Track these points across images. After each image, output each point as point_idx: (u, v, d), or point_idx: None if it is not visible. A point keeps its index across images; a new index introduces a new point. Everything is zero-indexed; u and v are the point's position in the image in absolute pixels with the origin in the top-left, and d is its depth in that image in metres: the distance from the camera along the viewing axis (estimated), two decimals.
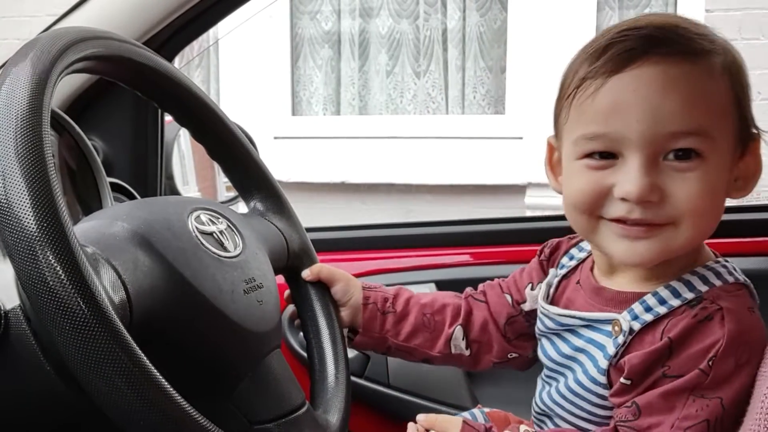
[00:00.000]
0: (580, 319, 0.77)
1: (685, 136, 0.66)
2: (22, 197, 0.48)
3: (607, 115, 0.68)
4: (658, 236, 0.68)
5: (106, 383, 0.49)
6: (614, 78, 0.67)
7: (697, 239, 0.71)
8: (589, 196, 0.70)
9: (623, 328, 0.72)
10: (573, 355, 0.78)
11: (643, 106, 0.66)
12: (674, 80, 0.66)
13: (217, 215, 0.71)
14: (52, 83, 0.55)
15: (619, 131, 0.67)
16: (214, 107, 0.78)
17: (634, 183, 0.66)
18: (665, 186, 0.67)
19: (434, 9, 3.58)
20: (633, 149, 0.67)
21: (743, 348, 0.66)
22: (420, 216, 3.30)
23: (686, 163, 0.66)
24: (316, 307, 0.84)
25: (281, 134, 3.62)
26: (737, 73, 0.70)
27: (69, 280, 0.48)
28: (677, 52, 0.67)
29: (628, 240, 0.69)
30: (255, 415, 0.67)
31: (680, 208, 0.67)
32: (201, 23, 1.11)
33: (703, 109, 0.66)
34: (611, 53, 0.68)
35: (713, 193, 0.68)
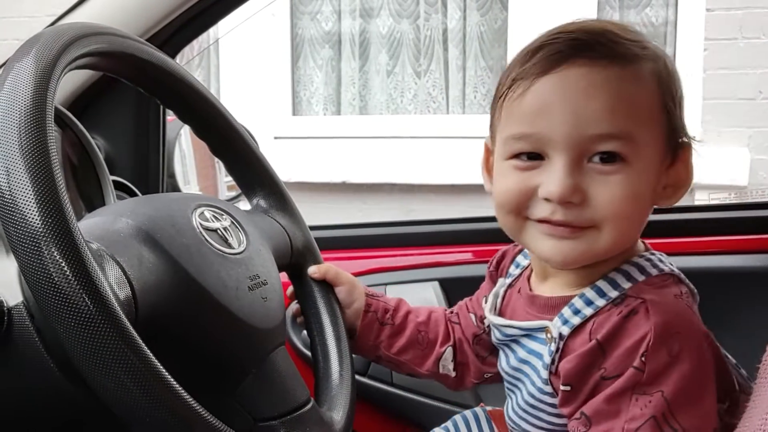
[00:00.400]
0: (518, 329, 0.77)
1: (608, 139, 0.66)
2: (26, 193, 0.48)
3: (533, 116, 0.68)
4: (582, 237, 0.68)
5: (111, 380, 0.48)
6: (541, 80, 0.68)
7: (620, 242, 0.70)
8: (515, 196, 0.70)
9: (554, 334, 0.72)
10: (519, 367, 0.78)
11: (567, 108, 0.66)
12: (598, 84, 0.66)
13: (220, 212, 0.70)
14: (55, 79, 0.55)
15: (544, 132, 0.67)
16: (217, 104, 0.78)
17: (556, 184, 0.66)
18: (588, 188, 0.67)
19: (435, 9, 3.58)
20: (557, 150, 0.67)
21: (674, 339, 0.65)
22: (421, 215, 3.30)
23: (609, 166, 0.67)
24: (320, 305, 0.84)
25: (282, 134, 3.62)
26: (668, 81, 0.70)
27: (74, 277, 0.48)
28: (603, 57, 0.67)
29: (554, 239, 0.69)
30: (259, 412, 0.66)
31: (602, 211, 0.67)
32: (202, 21, 1.11)
33: (628, 113, 0.66)
34: (540, 55, 0.69)
35: (636, 198, 0.67)
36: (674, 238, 1.13)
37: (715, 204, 2.02)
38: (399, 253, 1.21)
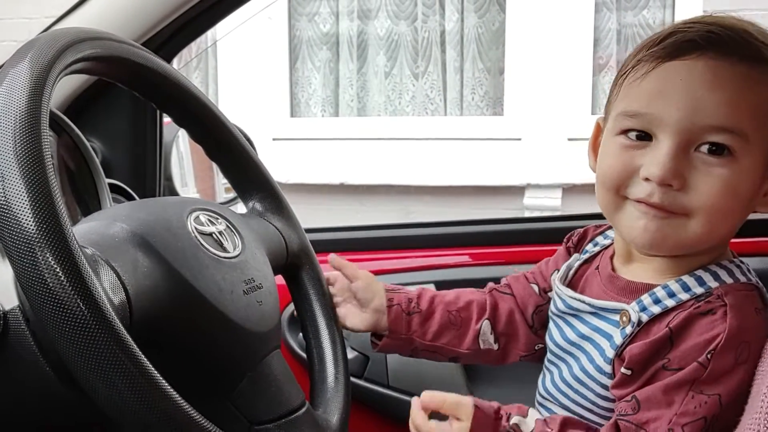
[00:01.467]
0: (588, 305, 0.77)
1: (720, 132, 0.66)
2: (21, 198, 0.48)
3: (652, 96, 0.69)
4: (671, 223, 0.69)
5: (105, 384, 0.49)
6: (667, 64, 0.69)
7: (709, 236, 0.70)
8: (617, 173, 0.71)
9: (632, 318, 0.72)
10: (578, 342, 0.78)
11: (687, 95, 0.67)
12: (724, 77, 0.67)
13: (216, 216, 0.71)
14: (50, 84, 0.55)
15: (657, 114, 0.68)
16: (212, 108, 0.78)
17: (659, 165, 0.67)
18: (690, 176, 0.67)
19: (432, 11, 3.58)
20: (666, 133, 0.68)
21: (743, 346, 0.66)
22: (419, 217, 3.30)
23: (715, 158, 0.67)
24: (316, 307, 0.84)
25: (280, 136, 3.63)
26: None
27: (68, 281, 0.48)
28: (734, 53, 0.67)
29: (645, 219, 0.70)
30: (255, 416, 0.66)
31: (698, 200, 0.67)
32: (199, 25, 1.11)
33: (746, 111, 0.66)
34: (670, 41, 0.69)
35: (735, 195, 0.68)
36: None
37: None
38: (395, 256, 1.21)
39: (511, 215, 3.08)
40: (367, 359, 1.13)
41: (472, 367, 1.15)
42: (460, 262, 1.20)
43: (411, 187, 3.40)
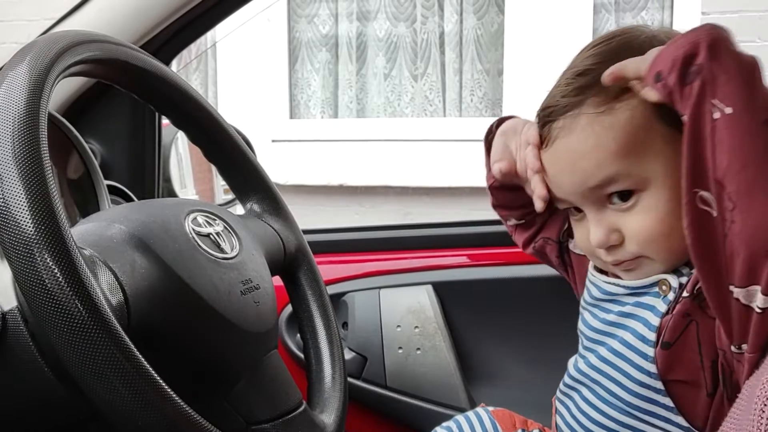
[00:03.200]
0: (624, 287, 0.78)
1: (611, 183, 0.71)
2: (19, 199, 0.49)
3: (553, 186, 0.76)
4: (641, 267, 0.74)
5: (103, 385, 0.49)
6: (545, 154, 0.76)
7: (676, 256, 0.72)
8: (584, 244, 0.78)
9: (672, 284, 0.73)
10: (617, 321, 0.78)
11: (565, 175, 0.74)
12: (577, 149, 0.72)
13: (213, 217, 0.71)
14: (49, 86, 0.55)
15: (565, 197, 0.76)
16: (210, 109, 0.78)
17: (593, 233, 0.74)
18: (620, 226, 0.73)
19: (431, 12, 3.59)
20: (582, 205, 0.75)
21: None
22: (418, 218, 3.30)
23: (625, 203, 0.72)
24: (313, 308, 0.84)
25: (279, 137, 3.63)
26: None
27: (66, 283, 0.48)
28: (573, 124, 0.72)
29: (630, 272, 0.75)
30: (252, 416, 0.67)
31: (636, 243, 0.72)
32: (198, 26, 1.12)
33: (609, 159, 0.70)
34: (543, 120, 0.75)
35: (663, 217, 0.70)
36: None
37: None
38: (393, 257, 1.22)
39: None
40: (364, 360, 1.14)
41: (470, 368, 1.16)
42: (458, 263, 1.21)
43: (409, 189, 3.40)
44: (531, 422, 0.91)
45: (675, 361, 0.71)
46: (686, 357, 0.71)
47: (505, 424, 0.89)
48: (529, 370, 1.14)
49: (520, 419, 0.91)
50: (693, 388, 0.71)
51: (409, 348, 1.14)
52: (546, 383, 0.93)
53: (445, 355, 1.13)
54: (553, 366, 0.94)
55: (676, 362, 0.71)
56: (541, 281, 1.13)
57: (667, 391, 0.73)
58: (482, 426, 0.91)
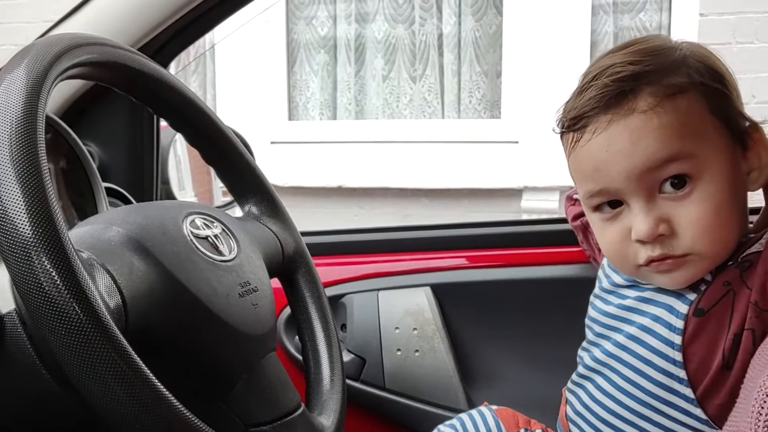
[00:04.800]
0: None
1: (666, 166, 0.70)
2: (17, 202, 0.49)
3: (595, 174, 0.73)
4: (686, 265, 0.71)
5: (101, 387, 0.49)
6: (589, 142, 0.73)
7: (721, 251, 0.72)
8: (617, 245, 0.74)
9: (705, 276, 0.72)
10: (636, 307, 0.77)
11: (619, 159, 0.71)
12: (637, 130, 0.70)
13: (211, 219, 0.71)
14: (47, 89, 0.55)
15: (610, 185, 0.72)
16: (208, 112, 0.78)
17: (641, 223, 0.71)
18: (671, 217, 0.71)
19: (430, 14, 3.59)
20: (630, 194, 0.71)
21: None
22: (416, 220, 3.30)
23: (681, 191, 0.70)
24: (312, 310, 0.84)
25: (278, 139, 3.63)
26: (706, 81, 0.72)
27: (64, 285, 0.48)
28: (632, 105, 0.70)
29: (666, 274, 0.73)
30: (250, 418, 0.67)
31: (692, 234, 0.70)
32: (196, 28, 1.12)
33: (675, 138, 0.69)
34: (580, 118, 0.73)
35: (717, 208, 0.70)
36: None
37: None
38: (392, 259, 1.21)
39: (509, 218, 3.09)
40: (363, 362, 1.14)
41: (469, 370, 1.16)
42: (457, 265, 1.20)
43: (408, 190, 3.40)
44: (534, 422, 0.91)
45: (702, 331, 0.71)
46: (714, 326, 0.71)
47: (509, 423, 0.89)
48: (527, 372, 1.13)
49: (524, 419, 0.91)
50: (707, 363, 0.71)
51: (407, 350, 1.14)
52: (545, 384, 0.93)
53: (444, 357, 1.13)
54: (552, 367, 0.94)
55: (703, 332, 0.71)
56: (539, 283, 1.13)
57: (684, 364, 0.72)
58: (486, 424, 0.91)
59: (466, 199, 3.37)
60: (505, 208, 3.35)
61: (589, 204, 0.76)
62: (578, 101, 0.75)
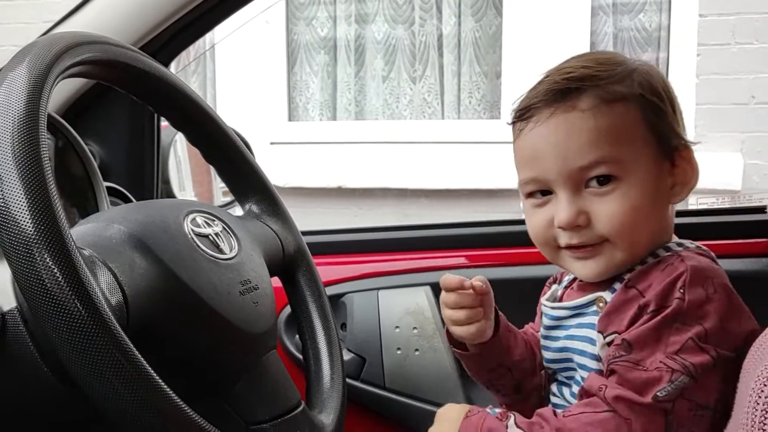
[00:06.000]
0: (567, 308, 0.84)
1: (595, 166, 0.76)
2: (19, 200, 0.49)
3: (531, 162, 0.80)
4: (601, 254, 0.78)
5: (103, 384, 0.49)
6: (533, 131, 0.80)
7: (635, 250, 0.79)
8: (541, 230, 0.81)
9: (607, 300, 0.79)
10: (567, 346, 0.83)
11: (554, 151, 0.78)
12: (577, 125, 0.77)
13: (212, 217, 0.71)
14: (48, 87, 0.56)
15: (542, 174, 0.79)
16: (209, 111, 0.79)
17: (563, 212, 0.78)
18: (590, 210, 0.77)
19: (430, 15, 3.59)
20: (558, 185, 0.78)
21: (707, 282, 0.73)
22: (416, 220, 3.30)
23: (603, 188, 0.77)
24: (312, 309, 0.84)
25: (278, 140, 3.63)
26: (650, 97, 0.78)
27: (66, 282, 0.48)
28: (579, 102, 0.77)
29: (580, 261, 0.80)
30: (251, 416, 0.67)
31: (606, 227, 0.77)
32: (197, 28, 1.12)
33: (607, 141, 0.76)
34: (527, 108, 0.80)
35: (634, 209, 0.76)
36: None
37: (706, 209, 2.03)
38: (391, 258, 1.22)
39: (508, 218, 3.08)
40: (363, 361, 1.14)
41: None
42: (456, 264, 1.21)
43: (408, 191, 3.40)
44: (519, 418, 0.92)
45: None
46: None
47: None
48: None
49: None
50: None
51: (407, 349, 1.14)
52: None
53: (444, 356, 1.13)
54: None
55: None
56: (538, 282, 1.13)
57: None
58: None
59: (465, 200, 3.37)
60: (504, 209, 3.35)
61: (523, 190, 0.83)
62: (529, 95, 0.81)
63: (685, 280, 0.72)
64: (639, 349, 0.72)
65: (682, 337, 0.70)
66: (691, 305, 0.71)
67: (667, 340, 0.71)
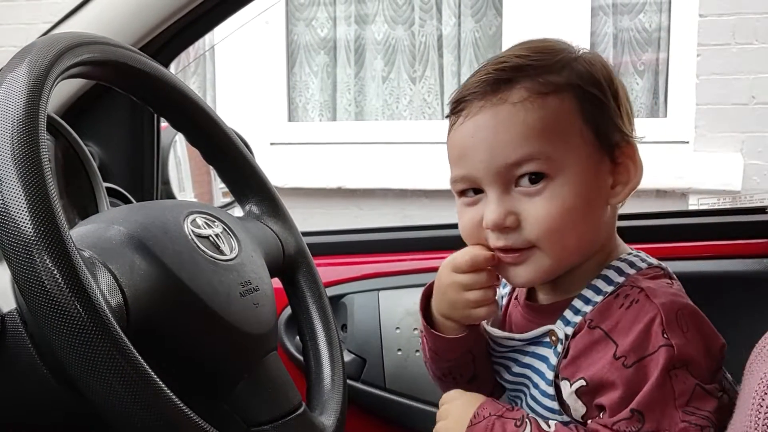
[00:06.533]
0: (518, 340, 0.80)
1: (524, 163, 0.71)
2: (19, 201, 0.49)
3: (460, 159, 0.75)
4: (528, 261, 0.74)
5: (103, 386, 0.49)
6: (460, 127, 0.75)
7: (562, 255, 0.73)
8: (468, 229, 0.77)
9: (559, 336, 0.74)
10: (523, 372, 0.80)
11: (481, 147, 0.73)
12: (505, 119, 0.72)
13: (212, 218, 0.71)
14: (48, 88, 0.56)
15: (470, 172, 0.74)
16: (209, 111, 0.79)
17: (490, 213, 0.73)
18: (519, 211, 0.72)
19: (429, 15, 3.59)
20: (487, 184, 0.74)
21: (680, 318, 0.69)
22: (416, 221, 3.30)
23: (534, 187, 0.72)
24: (312, 310, 0.84)
25: (277, 140, 3.63)
26: (589, 90, 0.73)
27: (66, 284, 0.48)
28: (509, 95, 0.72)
29: (510, 267, 0.75)
30: (252, 417, 0.67)
31: (535, 229, 0.72)
32: (197, 29, 1.12)
33: (538, 137, 0.71)
34: (456, 103, 0.76)
35: (567, 210, 0.71)
36: (666, 243, 1.14)
37: (707, 209, 2.03)
38: (392, 259, 1.21)
39: None
40: (364, 362, 1.14)
41: None
42: None
43: (408, 191, 3.40)
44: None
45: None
46: None
47: None
48: None
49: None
50: None
51: (408, 350, 1.14)
52: None
53: None
54: None
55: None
56: None
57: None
58: None
59: None
60: None
61: (454, 188, 0.78)
62: (463, 86, 0.77)
63: (663, 324, 0.68)
64: (651, 413, 0.67)
65: (687, 385, 0.67)
66: (679, 349, 0.67)
67: (673, 392, 0.67)
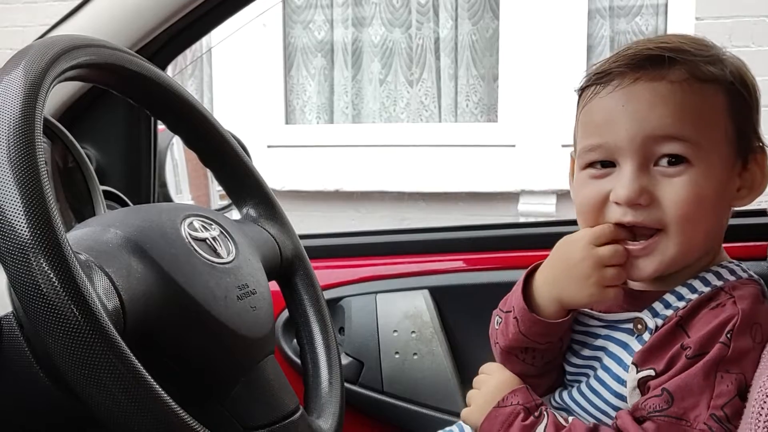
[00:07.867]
0: (599, 320, 0.79)
1: (671, 141, 0.71)
2: (15, 204, 0.49)
3: (603, 128, 0.74)
4: (655, 251, 0.72)
5: (99, 390, 0.49)
6: (609, 95, 0.74)
7: (689, 246, 0.73)
8: (591, 202, 0.75)
9: (648, 325, 0.74)
10: (594, 355, 0.79)
11: (631, 117, 0.72)
12: (662, 95, 0.71)
13: (209, 221, 0.71)
14: (44, 91, 0.55)
15: (612, 141, 0.73)
16: (206, 114, 0.78)
17: (624, 187, 0.71)
18: (655, 190, 0.71)
19: (426, 18, 3.60)
20: (625, 156, 0.72)
21: (756, 328, 0.69)
22: (413, 223, 3.30)
23: (674, 168, 0.71)
24: (310, 313, 0.84)
25: (275, 143, 3.63)
26: (738, 91, 0.74)
27: (62, 287, 0.48)
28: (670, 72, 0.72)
29: (635, 259, 0.73)
30: (249, 420, 0.67)
31: (668, 211, 0.71)
32: (194, 32, 1.12)
33: (689, 120, 0.71)
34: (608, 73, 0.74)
35: (700, 199, 0.71)
36: None
37: None
38: (389, 262, 1.21)
39: (506, 221, 3.09)
40: (361, 365, 1.14)
41: (467, 373, 1.15)
42: (454, 268, 1.20)
43: (405, 194, 3.40)
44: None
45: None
46: None
47: None
48: None
49: None
50: None
51: (405, 353, 1.14)
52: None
53: (442, 360, 1.13)
54: None
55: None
56: None
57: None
58: None
59: (463, 203, 3.37)
60: (502, 212, 3.35)
61: (583, 159, 0.76)
62: (611, 59, 0.75)
63: (735, 325, 0.68)
64: (681, 400, 0.67)
65: (729, 389, 0.67)
66: (735, 351, 0.67)
67: (713, 391, 0.67)
